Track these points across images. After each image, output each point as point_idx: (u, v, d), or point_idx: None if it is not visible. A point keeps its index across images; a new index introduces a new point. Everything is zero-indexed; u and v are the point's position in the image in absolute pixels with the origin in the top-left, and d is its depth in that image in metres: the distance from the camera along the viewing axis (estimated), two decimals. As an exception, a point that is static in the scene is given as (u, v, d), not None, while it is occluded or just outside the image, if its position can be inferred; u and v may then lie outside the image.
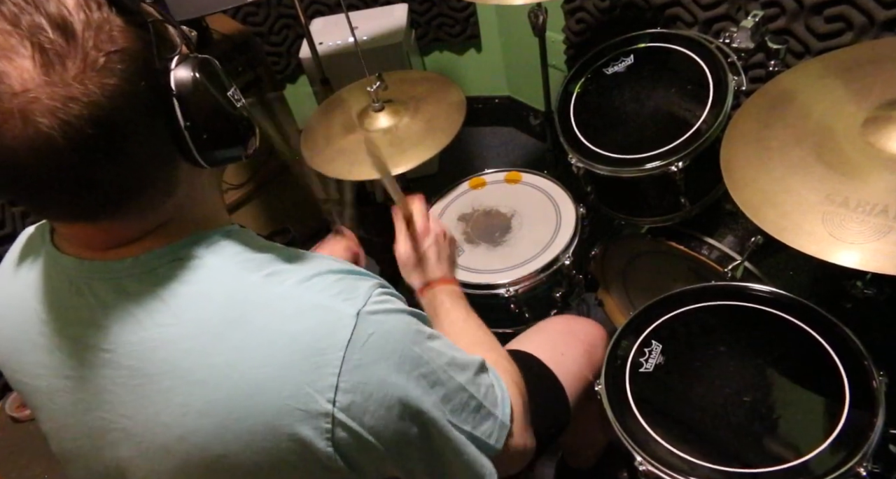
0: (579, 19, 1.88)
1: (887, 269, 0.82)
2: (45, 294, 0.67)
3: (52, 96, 0.50)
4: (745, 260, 1.29)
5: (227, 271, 0.63)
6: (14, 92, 0.50)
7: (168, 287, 0.62)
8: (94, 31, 0.52)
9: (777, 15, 1.37)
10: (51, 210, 0.59)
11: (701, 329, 1.13)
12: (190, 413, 0.61)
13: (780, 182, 0.96)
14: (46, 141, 0.50)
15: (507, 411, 0.77)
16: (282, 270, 0.65)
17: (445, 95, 1.59)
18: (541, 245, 1.41)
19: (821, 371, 1.01)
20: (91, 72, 0.51)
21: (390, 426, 0.64)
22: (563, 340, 1.18)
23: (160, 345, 0.61)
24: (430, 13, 2.28)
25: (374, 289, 0.66)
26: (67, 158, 0.52)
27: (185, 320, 0.61)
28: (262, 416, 0.60)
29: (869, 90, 1.01)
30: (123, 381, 0.63)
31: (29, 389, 0.71)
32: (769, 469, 0.92)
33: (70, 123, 0.50)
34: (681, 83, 1.29)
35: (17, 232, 1.96)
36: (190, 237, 0.64)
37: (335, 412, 0.60)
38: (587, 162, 1.30)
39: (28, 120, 0.50)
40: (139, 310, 0.62)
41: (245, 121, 0.64)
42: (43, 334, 0.67)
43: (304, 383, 0.60)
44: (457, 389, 0.70)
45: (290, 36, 2.33)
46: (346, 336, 0.61)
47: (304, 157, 1.57)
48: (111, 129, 0.53)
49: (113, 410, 0.64)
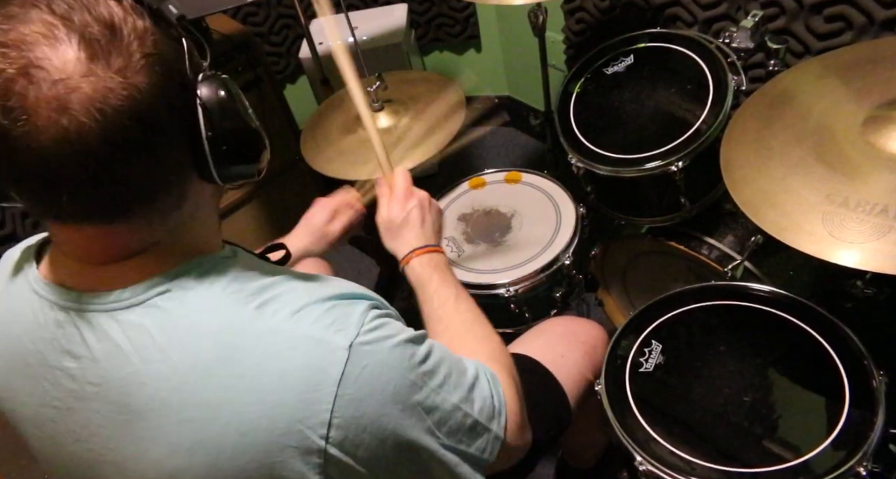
0: (579, 19, 1.88)
1: (887, 268, 0.82)
2: (29, 323, 0.65)
3: (93, 86, 0.51)
4: (745, 260, 1.29)
5: (216, 304, 0.62)
6: (54, 79, 0.50)
7: (156, 321, 0.61)
8: (139, 36, 0.54)
9: (777, 15, 1.37)
10: (67, 207, 0.57)
11: (701, 329, 1.13)
12: (180, 452, 0.60)
13: (780, 182, 0.96)
14: (80, 131, 0.51)
15: (503, 421, 0.76)
16: (273, 299, 0.63)
17: (445, 95, 1.59)
18: (541, 245, 1.41)
19: (821, 371, 1.01)
20: (131, 69, 0.53)
21: (383, 457, 0.63)
22: (563, 342, 1.18)
23: (148, 381, 0.60)
24: (430, 13, 2.28)
25: (367, 313, 0.65)
26: (99, 150, 0.52)
27: (173, 356, 0.60)
28: (255, 454, 0.59)
29: (869, 90, 1.01)
30: (111, 416, 0.62)
31: (18, 416, 0.70)
32: (769, 469, 0.92)
33: (107, 114, 0.51)
34: (681, 83, 1.29)
35: (18, 232, 1.95)
36: (180, 266, 0.63)
37: (328, 447, 0.60)
38: (587, 162, 1.30)
39: (65, 109, 0.50)
40: (127, 344, 0.60)
41: (261, 140, 0.65)
42: (29, 365, 0.66)
43: (297, 420, 0.59)
44: (452, 410, 0.69)
45: (290, 36, 2.33)
46: (338, 371, 0.60)
47: (304, 157, 1.57)
48: (145, 125, 0.54)
49: (101, 443, 0.63)
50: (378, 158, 1.08)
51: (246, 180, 0.66)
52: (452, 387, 0.70)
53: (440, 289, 0.93)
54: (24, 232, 1.81)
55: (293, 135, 2.06)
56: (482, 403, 0.74)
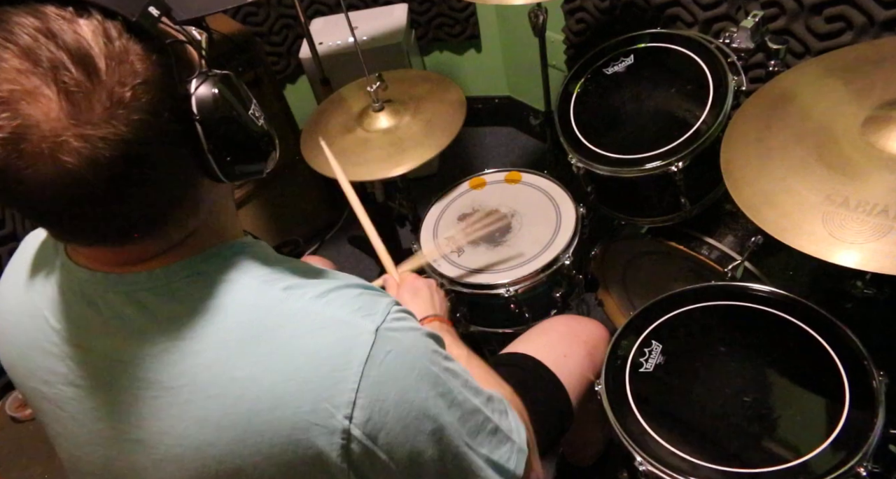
0: (579, 19, 1.88)
1: (887, 269, 0.82)
2: (56, 304, 0.67)
3: (80, 137, 0.49)
4: (745, 260, 1.29)
5: (246, 285, 0.63)
6: (42, 135, 0.49)
7: (186, 302, 0.62)
8: (116, 63, 0.50)
9: (777, 15, 1.37)
10: (75, 237, 0.59)
11: (701, 329, 1.13)
12: (208, 426, 0.61)
13: (780, 182, 0.96)
14: (75, 179, 0.50)
15: (524, 436, 0.76)
16: (300, 283, 0.64)
17: (445, 95, 1.59)
18: (541, 245, 1.41)
19: (821, 371, 1.01)
20: (117, 109, 0.50)
21: (406, 444, 0.63)
22: (564, 341, 1.18)
23: (179, 358, 0.61)
24: (430, 13, 2.28)
25: (392, 306, 0.66)
26: (96, 193, 0.52)
27: (204, 335, 0.61)
28: (281, 430, 0.60)
29: (869, 90, 1.01)
30: (139, 392, 0.63)
31: (38, 396, 0.71)
32: (769, 469, 0.92)
33: (99, 161, 0.50)
34: (681, 83, 1.29)
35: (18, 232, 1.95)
36: (207, 251, 0.64)
37: (351, 427, 0.60)
38: (587, 162, 1.30)
39: (57, 160, 0.49)
40: (156, 323, 0.62)
41: (266, 137, 0.64)
42: (54, 343, 0.67)
43: (323, 398, 0.60)
44: (473, 410, 0.69)
45: (290, 36, 2.33)
46: (364, 352, 0.61)
47: (304, 157, 1.57)
48: (139, 162, 0.53)
49: (126, 420, 0.64)
50: (382, 261, 1.21)
51: (253, 178, 0.66)
52: (473, 391, 0.71)
53: (452, 348, 0.93)
54: (25, 231, 1.81)
55: (293, 135, 2.06)
56: (501, 414, 0.74)
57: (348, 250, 2.28)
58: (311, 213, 2.29)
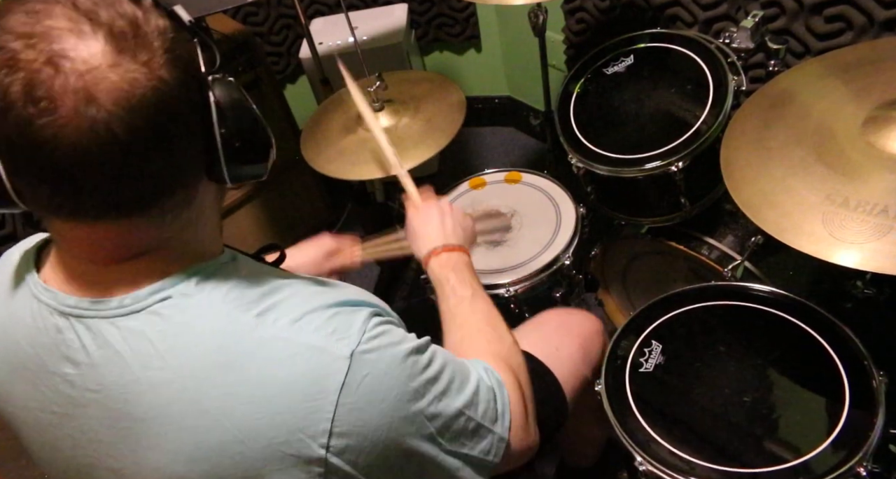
0: (579, 19, 1.88)
1: (887, 269, 0.82)
2: (29, 328, 0.65)
3: (120, 75, 0.52)
4: (745, 260, 1.29)
5: (217, 312, 0.61)
6: (81, 70, 0.51)
7: (157, 328, 0.60)
8: (160, 32, 0.55)
9: (777, 15, 1.37)
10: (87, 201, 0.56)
11: (701, 329, 1.13)
12: (180, 459, 0.60)
13: (780, 182, 0.96)
14: (107, 121, 0.51)
15: (507, 423, 0.76)
16: (274, 306, 0.63)
17: (445, 94, 1.59)
18: (541, 245, 1.41)
19: (821, 371, 1.01)
20: (156, 63, 0.54)
21: (384, 465, 0.63)
22: (557, 335, 1.18)
23: (148, 389, 0.60)
24: (430, 13, 2.28)
25: (369, 321, 0.65)
26: (124, 141, 0.53)
27: (174, 364, 0.59)
28: (255, 462, 0.59)
29: (869, 90, 1.01)
30: (111, 423, 0.62)
31: (18, 421, 0.70)
32: (769, 469, 0.92)
33: (134, 103, 0.52)
34: (681, 83, 1.29)
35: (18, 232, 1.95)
36: (181, 273, 0.62)
37: (328, 456, 0.60)
38: (587, 162, 1.30)
39: (92, 99, 0.51)
40: (127, 351, 0.60)
41: (269, 139, 0.65)
42: (28, 368, 0.65)
43: (297, 429, 0.59)
44: (454, 415, 0.69)
45: (290, 36, 2.33)
46: (339, 380, 0.60)
47: (305, 157, 1.57)
48: (169, 116, 0.55)
49: (100, 450, 0.63)
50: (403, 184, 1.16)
51: (252, 180, 0.66)
52: (455, 392, 0.70)
53: (457, 288, 0.93)
54: (25, 232, 1.81)
55: (293, 135, 2.06)
56: (486, 406, 0.74)
57: (348, 249, 2.28)
58: (311, 213, 2.29)
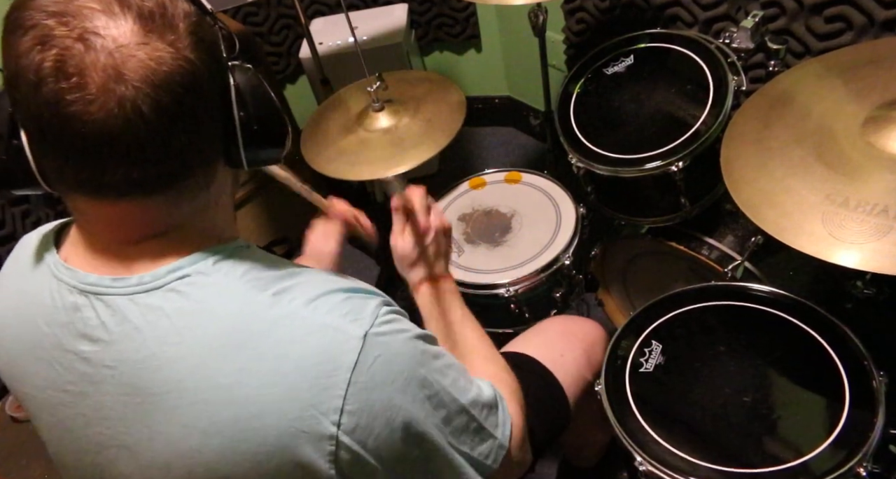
0: (579, 19, 1.88)
1: (887, 269, 0.82)
2: (47, 308, 0.66)
3: (148, 53, 0.54)
4: (745, 260, 1.29)
5: (234, 290, 0.63)
6: (111, 48, 0.53)
7: (174, 305, 0.61)
8: (185, 15, 0.57)
9: (777, 15, 1.37)
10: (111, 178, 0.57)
11: (701, 329, 1.13)
12: (194, 433, 0.60)
13: (780, 182, 0.96)
14: (133, 98, 0.53)
15: (507, 432, 0.77)
16: (289, 288, 0.64)
17: (445, 95, 1.59)
18: (541, 245, 1.42)
19: (821, 371, 1.01)
20: (182, 43, 0.56)
21: (392, 447, 0.64)
22: (561, 341, 1.18)
23: (164, 364, 0.61)
24: (430, 13, 2.28)
25: (381, 308, 0.66)
26: (150, 118, 0.54)
27: (190, 340, 0.61)
28: (267, 437, 0.60)
29: (869, 90, 1.01)
30: (125, 399, 0.62)
31: (30, 399, 0.71)
32: (769, 469, 0.92)
33: (160, 80, 0.54)
34: (681, 83, 1.29)
35: (18, 232, 1.95)
36: (198, 253, 0.64)
37: (339, 434, 0.60)
38: (587, 162, 1.30)
39: (120, 76, 0.53)
40: (145, 327, 0.61)
41: (285, 125, 0.66)
42: (43, 347, 0.66)
43: (310, 405, 0.60)
44: (459, 411, 0.70)
45: (290, 36, 2.33)
46: (352, 359, 0.61)
47: (304, 157, 1.57)
48: (194, 94, 0.57)
49: (114, 426, 0.64)
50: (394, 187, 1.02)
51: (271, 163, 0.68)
52: (461, 390, 0.71)
53: (448, 312, 0.96)
54: (25, 231, 1.81)
55: (293, 135, 2.06)
56: (488, 411, 0.75)
57: (348, 249, 2.28)
58: (311, 213, 2.28)
